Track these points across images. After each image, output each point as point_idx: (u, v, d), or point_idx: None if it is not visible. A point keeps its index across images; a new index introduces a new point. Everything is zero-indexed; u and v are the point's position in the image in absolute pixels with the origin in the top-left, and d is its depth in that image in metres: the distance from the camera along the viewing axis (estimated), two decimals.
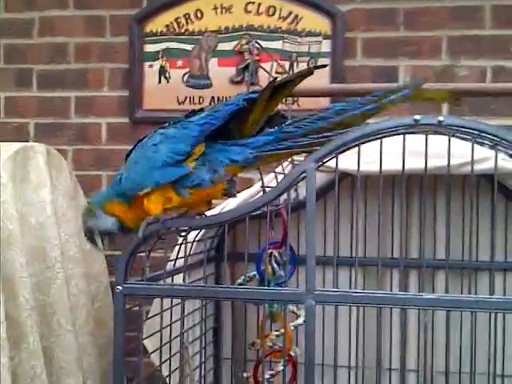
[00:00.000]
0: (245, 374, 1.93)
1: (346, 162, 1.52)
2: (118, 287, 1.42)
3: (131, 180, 1.36)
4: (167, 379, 1.71)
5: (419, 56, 2.19)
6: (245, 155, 1.34)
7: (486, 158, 1.77)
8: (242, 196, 1.93)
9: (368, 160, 1.52)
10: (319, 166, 1.41)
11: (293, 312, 1.79)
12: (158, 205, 1.38)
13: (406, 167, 1.53)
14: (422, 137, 1.50)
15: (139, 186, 1.35)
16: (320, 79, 2.21)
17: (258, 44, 1.74)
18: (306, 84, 2.10)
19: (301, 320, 1.79)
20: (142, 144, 1.38)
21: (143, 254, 1.50)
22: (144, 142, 1.37)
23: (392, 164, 1.57)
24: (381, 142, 1.40)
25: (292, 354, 1.82)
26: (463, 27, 2.16)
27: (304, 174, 1.39)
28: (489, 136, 1.33)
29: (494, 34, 2.15)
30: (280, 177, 1.78)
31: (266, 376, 1.79)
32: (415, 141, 1.51)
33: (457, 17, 2.16)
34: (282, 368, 1.80)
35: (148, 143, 1.36)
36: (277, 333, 1.79)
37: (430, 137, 1.47)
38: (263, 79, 1.67)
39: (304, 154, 1.81)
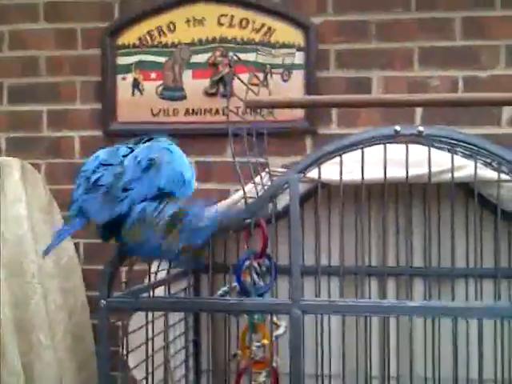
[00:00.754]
0: None
1: (322, 172, 1.53)
2: (102, 301, 1.41)
3: None
4: None
5: (391, 67, 2.22)
6: None
7: (461, 167, 1.81)
8: (220, 207, 1.93)
9: (344, 170, 1.54)
10: (302, 177, 1.42)
11: (273, 322, 1.80)
12: None
13: (381, 176, 1.55)
14: (398, 147, 1.52)
15: None
16: (294, 91, 2.23)
17: (237, 57, 1.74)
18: (281, 96, 2.15)
19: (281, 330, 1.79)
20: None
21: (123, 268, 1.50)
22: None
23: (369, 174, 1.59)
24: (362, 152, 1.43)
25: (273, 364, 1.82)
26: (434, 38, 2.20)
27: (287, 185, 1.41)
28: (468, 145, 1.36)
29: (464, 45, 2.19)
30: (259, 188, 1.80)
31: None
32: (392, 151, 1.54)
33: (428, 28, 2.20)
34: (263, 379, 1.80)
35: None
36: (258, 344, 1.80)
37: (402, 146, 1.50)
38: (238, 91, 1.68)
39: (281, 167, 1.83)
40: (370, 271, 2.02)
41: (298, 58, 2.24)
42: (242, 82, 1.73)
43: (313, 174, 1.57)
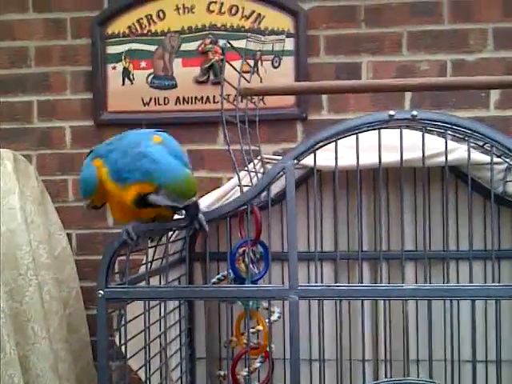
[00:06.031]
0: (221, 373, 1.95)
1: (312, 159, 1.52)
2: (100, 292, 1.42)
3: None
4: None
5: (381, 52, 2.23)
6: None
7: (452, 150, 1.82)
8: (214, 195, 1.94)
9: (334, 156, 1.54)
10: (297, 163, 1.43)
11: (266, 308, 1.81)
12: None
13: (371, 161, 1.56)
14: (388, 132, 1.53)
15: None
16: (285, 77, 2.23)
17: (229, 43, 1.74)
18: (274, 83, 2.14)
19: (276, 316, 1.81)
20: None
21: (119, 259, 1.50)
22: None
23: (361, 159, 1.60)
24: (357, 137, 1.43)
25: (268, 350, 1.84)
26: (422, 22, 2.21)
27: (282, 172, 1.42)
28: (461, 129, 1.37)
29: (452, 29, 2.20)
30: (252, 175, 1.81)
31: (244, 373, 1.81)
32: (383, 136, 1.54)
33: (416, 12, 2.20)
34: (258, 364, 1.82)
35: None
36: (253, 330, 1.81)
37: (392, 131, 1.51)
38: (230, 78, 1.68)
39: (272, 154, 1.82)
40: (363, 256, 2.03)
41: (288, 44, 2.24)
42: (234, 69, 1.73)
43: (304, 160, 1.57)
